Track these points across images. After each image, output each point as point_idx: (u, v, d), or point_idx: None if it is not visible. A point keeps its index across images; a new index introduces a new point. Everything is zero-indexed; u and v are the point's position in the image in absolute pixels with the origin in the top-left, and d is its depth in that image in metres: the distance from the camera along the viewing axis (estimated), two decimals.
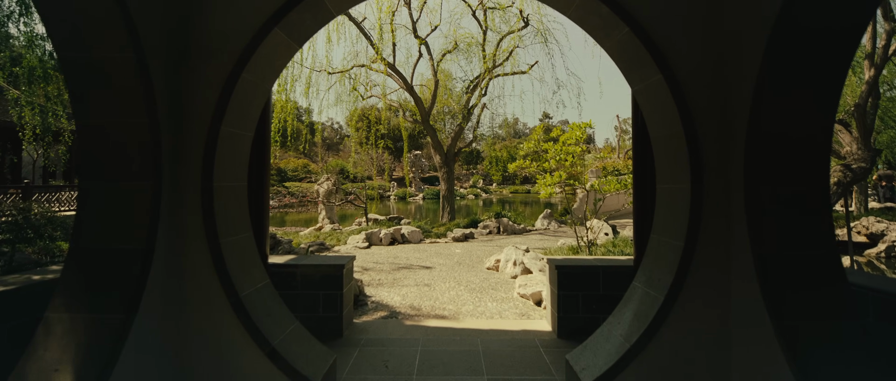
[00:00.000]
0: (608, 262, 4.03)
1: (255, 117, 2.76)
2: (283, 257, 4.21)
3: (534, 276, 5.73)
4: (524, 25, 13.57)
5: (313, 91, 14.66)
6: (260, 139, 3.93)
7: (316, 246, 9.08)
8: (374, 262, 7.70)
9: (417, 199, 38.51)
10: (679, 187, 2.42)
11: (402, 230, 10.46)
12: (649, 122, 2.67)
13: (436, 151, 15.59)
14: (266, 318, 2.44)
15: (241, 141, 2.61)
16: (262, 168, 3.93)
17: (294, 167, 43.25)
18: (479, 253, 8.73)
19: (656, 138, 2.63)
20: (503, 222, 12.99)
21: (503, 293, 5.46)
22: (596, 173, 14.63)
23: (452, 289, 5.72)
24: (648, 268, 2.60)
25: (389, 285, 5.90)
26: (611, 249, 7.24)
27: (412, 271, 6.84)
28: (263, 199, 3.92)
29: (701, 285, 2.31)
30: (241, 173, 2.66)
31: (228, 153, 2.48)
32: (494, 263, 6.96)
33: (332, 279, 3.91)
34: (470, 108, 15.48)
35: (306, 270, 3.91)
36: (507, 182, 53.53)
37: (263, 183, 3.93)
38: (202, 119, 2.37)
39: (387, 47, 14.04)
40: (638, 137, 3.89)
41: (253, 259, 2.67)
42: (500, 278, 6.31)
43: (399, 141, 18.69)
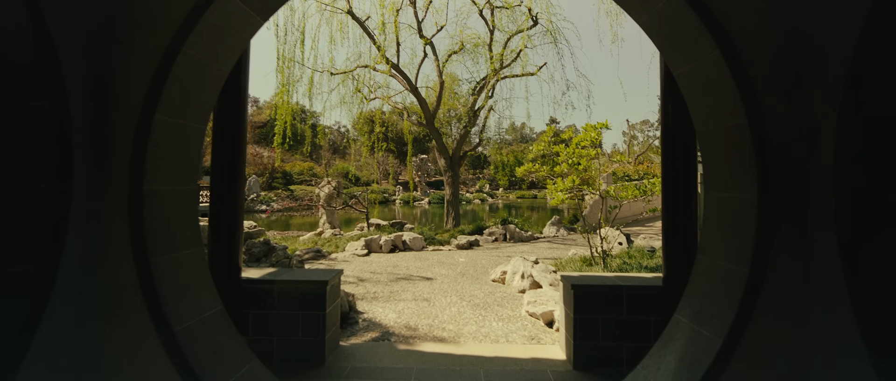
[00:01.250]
0: (632, 281, 3.48)
1: (208, 106, 2.25)
2: (259, 270, 3.71)
3: (544, 291, 5.18)
4: (533, 24, 13.07)
5: (316, 93, 14.27)
6: (232, 137, 3.44)
7: (311, 253, 8.58)
8: (372, 272, 7.18)
9: (423, 203, 38.03)
10: (740, 197, 1.87)
11: (403, 237, 9.94)
12: (697, 113, 2.13)
13: (440, 155, 15.10)
14: (210, 358, 1.93)
15: (187, 134, 2.11)
16: (234, 169, 3.43)
17: (300, 170, 43.01)
18: (483, 263, 8.18)
19: (707, 134, 2.08)
20: (510, 228, 12.43)
21: (510, 311, 4.91)
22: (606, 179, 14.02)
23: (454, 304, 5.18)
24: (695, 298, 2.05)
25: (385, 300, 5.38)
26: (627, 260, 6.66)
27: (411, 283, 6.31)
28: (236, 204, 3.43)
29: (772, 325, 1.76)
30: (188, 174, 2.16)
31: (168, 149, 1.98)
32: (500, 275, 6.41)
33: (314, 298, 3.39)
34: (476, 110, 14.98)
35: (284, 286, 3.40)
36: (513, 187, 52.87)
37: (236, 186, 3.44)
38: (132, 105, 1.88)
39: (391, 47, 13.61)
40: (670, 135, 3.35)
41: (201, 281, 2.16)
42: (507, 293, 5.76)
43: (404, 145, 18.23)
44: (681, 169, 3.26)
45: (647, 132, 72.43)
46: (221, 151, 3.37)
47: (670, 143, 3.28)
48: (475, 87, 15.15)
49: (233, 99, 3.38)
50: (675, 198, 3.26)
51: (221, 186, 3.37)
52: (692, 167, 3.26)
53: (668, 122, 3.32)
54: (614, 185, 6.16)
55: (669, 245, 3.27)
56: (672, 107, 3.30)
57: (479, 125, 16.35)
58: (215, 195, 3.37)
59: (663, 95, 3.35)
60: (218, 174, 3.37)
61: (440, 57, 14.84)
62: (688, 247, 3.22)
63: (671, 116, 3.30)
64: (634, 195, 5.90)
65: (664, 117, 3.34)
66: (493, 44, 14.18)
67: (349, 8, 13.00)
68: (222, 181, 3.37)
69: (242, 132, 3.45)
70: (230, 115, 3.38)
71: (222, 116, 3.37)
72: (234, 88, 3.39)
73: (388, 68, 13.82)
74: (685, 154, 3.25)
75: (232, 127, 3.38)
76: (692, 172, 3.26)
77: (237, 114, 3.40)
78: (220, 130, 3.38)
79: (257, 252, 8.31)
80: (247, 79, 3.48)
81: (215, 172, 3.38)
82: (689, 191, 3.24)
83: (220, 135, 3.37)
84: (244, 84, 3.44)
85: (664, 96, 3.34)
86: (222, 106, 3.37)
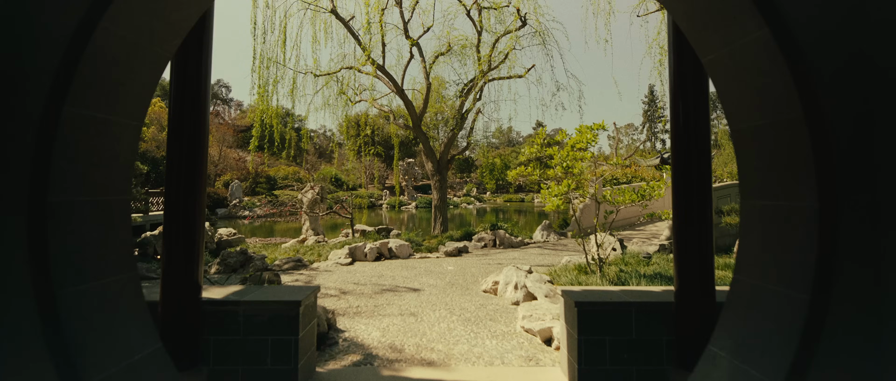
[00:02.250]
0: (641, 296, 3.15)
1: (142, 98, 1.84)
2: (224, 288, 3.28)
3: (539, 304, 4.83)
4: (522, 25, 12.82)
5: (299, 95, 13.79)
6: (192, 137, 3.02)
7: (292, 263, 8.12)
8: (355, 283, 6.76)
9: (410, 208, 37.59)
10: (793, 205, 1.55)
11: (389, 244, 9.52)
12: (733, 106, 1.80)
13: (427, 159, 14.72)
14: None
15: (112, 132, 1.70)
16: (194, 173, 3.00)
17: (284, 175, 42.16)
18: (473, 271, 7.81)
19: (745, 131, 1.75)
20: (499, 234, 12.10)
21: (504, 326, 4.55)
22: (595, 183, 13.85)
23: (443, 320, 4.80)
24: (736, 329, 1.71)
25: (368, 315, 4.97)
26: (624, 268, 6.38)
27: (397, 296, 5.91)
28: (196, 213, 3.00)
29: (839, 364, 1.43)
30: (117, 182, 1.74)
31: (84, 149, 1.58)
32: (492, 285, 6.05)
33: (285, 321, 2.99)
34: (464, 113, 14.66)
35: (250, 308, 2.99)
36: (500, 191, 52.74)
37: (196, 193, 3.01)
38: (36, 96, 1.47)
39: (376, 49, 13.22)
40: (681, 138, 3.03)
41: (131, 314, 1.74)
42: (500, 305, 5.40)
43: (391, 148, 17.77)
44: (694, 174, 2.95)
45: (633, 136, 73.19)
46: (178, 154, 2.94)
47: (682, 145, 2.96)
48: (463, 89, 14.85)
49: (191, 93, 2.97)
50: (687, 206, 2.95)
51: (178, 194, 2.94)
52: (706, 173, 2.95)
53: (678, 123, 3.01)
54: (610, 189, 5.87)
55: (682, 257, 2.95)
56: (683, 106, 2.99)
57: (467, 128, 16.04)
58: (171, 204, 2.95)
59: (673, 93, 3.04)
60: (174, 180, 2.95)
61: (427, 59, 14.51)
62: (703, 259, 2.91)
63: (682, 116, 2.99)
64: (632, 200, 5.61)
65: (675, 118, 3.02)
66: (481, 45, 13.91)
67: (333, 7, 12.59)
68: (179, 187, 2.94)
69: (203, 131, 3.03)
70: (188, 111, 2.96)
71: (179, 113, 2.95)
72: (192, 81, 2.98)
73: (374, 70, 13.42)
74: (699, 158, 2.95)
75: (191, 125, 2.96)
76: (706, 178, 2.95)
77: (197, 110, 2.98)
78: (176, 130, 2.95)
79: (234, 263, 7.82)
80: (208, 70, 3.06)
81: (171, 177, 2.95)
82: (704, 199, 2.93)
83: (176, 135, 2.95)
84: (205, 76, 3.03)
85: (674, 95, 3.03)
86: (179, 101, 2.96)
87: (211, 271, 7.70)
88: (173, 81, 2.95)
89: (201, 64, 3.02)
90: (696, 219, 2.92)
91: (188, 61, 2.96)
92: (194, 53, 2.97)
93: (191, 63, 2.96)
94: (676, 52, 3.00)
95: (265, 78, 12.21)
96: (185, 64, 2.96)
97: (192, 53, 2.96)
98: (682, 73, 2.97)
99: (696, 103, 2.95)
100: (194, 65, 2.97)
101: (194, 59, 2.97)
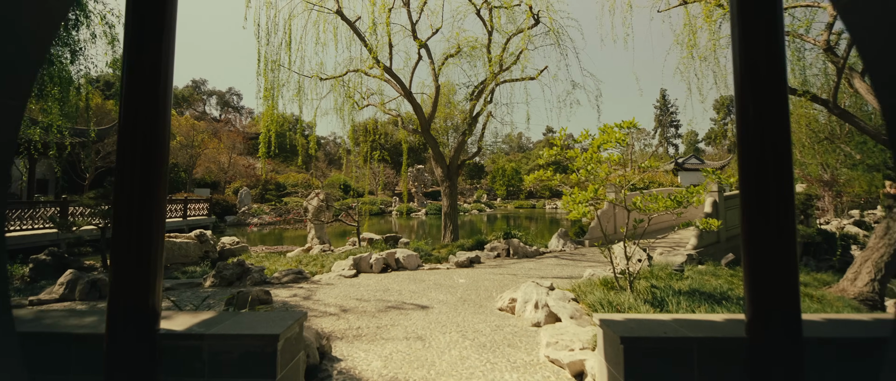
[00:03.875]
0: (702, 328, 2.53)
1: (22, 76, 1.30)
2: (192, 316, 2.73)
3: (564, 326, 4.21)
4: (534, 24, 12.26)
5: (304, 99, 13.38)
6: (147, 138, 2.49)
7: (291, 275, 7.58)
8: (358, 298, 6.19)
9: (420, 214, 37.11)
10: None
11: (396, 255, 8.95)
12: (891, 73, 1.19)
13: (437, 164, 14.16)
14: None
15: None
16: (150, 180, 2.47)
17: (294, 182, 41.99)
18: (487, 285, 7.20)
19: None
20: (513, 243, 11.46)
21: (525, 355, 3.93)
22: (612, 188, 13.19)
23: (454, 345, 4.20)
24: None
25: (370, 338, 4.39)
26: (655, 283, 5.71)
27: (403, 314, 5.32)
28: (152, 226, 2.46)
29: None
30: None
31: None
32: (508, 302, 5.43)
33: (260, 359, 2.42)
34: (474, 116, 14.09)
35: (217, 343, 2.43)
36: (511, 197, 52.03)
37: (152, 203, 2.47)
38: None
39: (383, 51, 12.76)
40: (750, 134, 2.43)
41: None
42: (518, 327, 4.78)
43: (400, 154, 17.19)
44: (770, 176, 2.33)
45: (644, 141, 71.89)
46: (131, 157, 2.41)
47: (756, 143, 2.35)
48: (473, 91, 14.30)
49: (146, 86, 2.45)
50: (762, 216, 2.33)
51: (130, 204, 2.41)
52: (787, 174, 2.34)
53: (747, 115, 2.40)
54: (640, 195, 5.24)
55: (757, 281, 2.33)
56: (753, 97, 2.38)
57: (477, 133, 15.45)
58: (120, 216, 2.41)
59: (740, 82, 2.43)
60: (125, 187, 2.42)
61: (436, 61, 14.01)
62: (786, 284, 2.29)
63: (751, 108, 2.39)
64: (666, 207, 4.97)
65: (742, 111, 2.41)
66: (492, 46, 13.38)
67: (338, 7, 12.17)
68: (130, 197, 2.41)
69: (162, 133, 2.50)
70: (144, 107, 2.44)
71: (131, 110, 2.43)
72: (150, 76, 2.46)
73: (381, 72, 12.96)
74: (776, 158, 2.33)
75: (147, 126, 2.44)
76: (786, 181, 2.34)
77: (155, 109, 2.46)
78: (128, 130, 2.43)
79: (230, 275, 7.32)
80: (169, 65, 2.54)
81: (121, 184, 2.42)
82: (785, 207, 2.31)
83: (128, 135, 2.43)
84: (165, 71, 2.50)
85: (742, 84, 2.42)
86: (131, 95, 2.44)
87: (206, 284, 7.20)
88: (125, 76, 2.45)
89: (161, 57, 2.50)
90: (776, 232, 2.30)
91: (144, 52, 2.46)
92: (151, 45, 2.47)
93: (148, 55, 2.46)
94: (743, 21, 2.41)
95: (271, 81, 11.82)
96: (140, 56, 2.45)
97: (148, 45, 2.47)
98: (749, 59, 2.38)
99: (771, 83, 2.34)
100: (151, 57, 2.46)
101: (151, 51, 2.47)
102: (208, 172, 36.28)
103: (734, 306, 4.62)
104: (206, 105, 68.79)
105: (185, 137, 33.69)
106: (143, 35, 2.47)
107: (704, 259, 9.55)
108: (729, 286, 6.07)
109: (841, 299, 6.22)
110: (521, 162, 55.77)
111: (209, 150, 35.88)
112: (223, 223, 27.08)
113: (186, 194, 26.35)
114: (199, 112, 59.34)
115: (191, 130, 34.36)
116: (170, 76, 2.56)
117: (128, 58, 2.44)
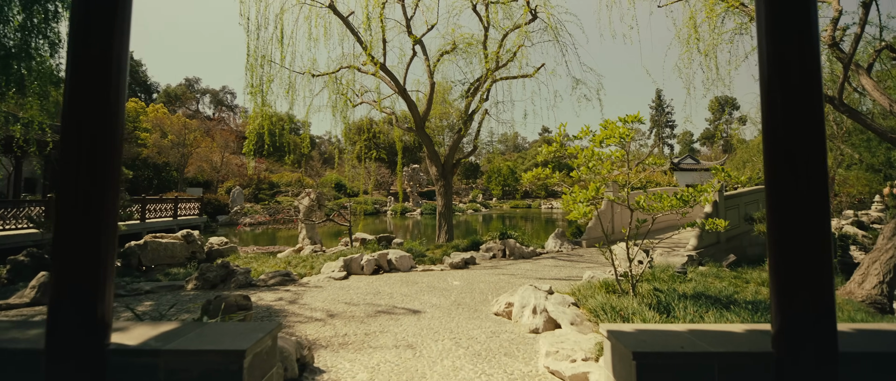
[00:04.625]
0: (722, 341, 2.26)
1: None
2: (149, 328, 2.42)
3: (565, 334, 3.94)
4: (532, 19, 12.00)
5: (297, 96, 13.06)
6: (96, 136, 2.19)
7: (278, 278, 7.27)
8: (347, 302, 5.89)
9: (415, 214, 36.80)
10: None
11: (388, 256, 8.65)
12: None
13: (432, 163, 13.87)
14: None
15: None
16: (98, 179, 2.18)
17: (287, 181, 41.53)
18: (482, 287, 6.92)
19: None
20: (509, 243, 11.20)
21: (523, 365, 3.65)
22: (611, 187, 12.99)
23: (447, 354, 3.91)
24: None
25: (357, 347, 4.09)
26: (658, 286, 5.46)
27: (394, 320, 5.03)
28: (101, 227, 2.16)
29: None
30: None
31: None
32: (505, 307, 5.16)
33: (223, 378, 2.13)
34: (470, 114, 13.81)
35: (175, 360, 2.13)
36: (507, 197, 51.82)
37: (102, 205, 2.17)
38: None
39: (377, 47, 12.44)
40: (780, 131, 2.17)
41: None
42: (515, 333, 4.50)
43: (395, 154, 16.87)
44: (802, 171, 2.07)
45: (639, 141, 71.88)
46: (75, 153, 2.13)
47: (788, 128, 2.09)
48: (469, 88, 14.02)
49: (97, 78, 2.16)
50: (794, 216, 2.06)
51: (75, 203, 2.11)
52: (821, 169, 2.08)
53: (774, 111, 2.13)
54: (644, 194, 4.98)
55: (786, 285, 2.07)
56: (781, 94, 2.12)
57: (473, 132, 15.16)
58: (66, 217, 2.11)
59: (767, 76, 2.17)
60: (69, 189, 2.12)
61: (431, 57, 13.71)
62: (820, 293, 2.03)
63: (780, 107, 2.13)
64: (672, 206, 4.71)
65: (770, 109, 2.15)
66: (488, 42, 13.09)
67: (331, 1, 11.85)
68: (75, 198, 2.11)
69: (114, 127, 2.20)
70: (92, 101, 2.15)
71: (76, 103, 2.14)
72: (99, 63, 2.17)
73: (375, 69, 12.63)
74: (810, 147, 2.07)
75: (94, 118, 2.15)
76: (821, 177, 2.08)
77: (105, 100, 2.16)
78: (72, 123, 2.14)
79: (213, 277, 7.00)
80: (123, 53, 2.25)
81: (66, 185, 2.13)
82: (820, 207, 2.05)
83: (72, 130, 2.14)
84: (118, 59, 2.21)
85: (769, 78, 2.16)
86: (74, 88, 2.15)
87: (188, 287, 6.87)
88: (70, 65, 2.16)
89: (113, 43, 2.21)
90: (811, 236, 2.04)
91: (91, 36, 2.17)
92: (100, 30, 2.18)
93: (96, 39, 2.17)
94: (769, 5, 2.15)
95: (259, 76, 11.48)
96: (88, 42, 2.16)
97: (97, 30, 2.18)
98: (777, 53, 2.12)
99: (805, 63, 2.09)
100: (101, 42, 2.17)
101: (100, 34, 2.18)
102: (200, 171, 35.78)
103: (744, 311, 4.37)
104: (199, 103, 68.06)
105: (176, 135, 33.22)
106: (90, 19, 2.18)
107: (705, 260, 9.33)
108: (734, 289, 5.83)
109: (849, 303, 6.00)
110: (516, 162, 55.59)
111: (201, 149, 35.39)
112: (215, 223, 26.65)
113: (177, 194, 25.88)
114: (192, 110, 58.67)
115: (183, 129, 33.88)
116: (123, 70, 2.26)
117: (73, 50, 2.15)
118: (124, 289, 6.60)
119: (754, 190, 12.92)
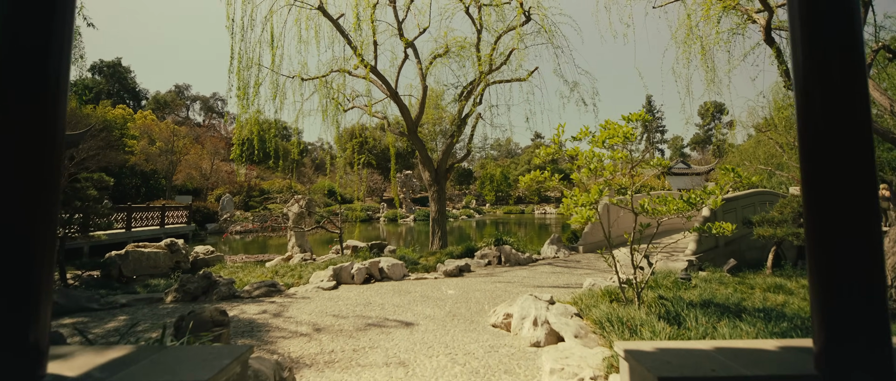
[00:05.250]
0: (756, 362, 1.98)
1: None
2: (92, 355, 2.10)
3: (569, 348, 3.65)
4: (525, 21, 11.81)
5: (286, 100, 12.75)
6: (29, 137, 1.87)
7: (264, 288, 6.91)
8: (335, 314, 5.55)
9: (408, 220, 36.41)
10: None
11: (380, 264, 8.32)
12: None
13: (424, 168, 13.58)
14: None
15: None
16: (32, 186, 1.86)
17: (278, 188, 40.96)
18: (478, 296, 6.62)
19: None
20: (505, 250, 10.91)
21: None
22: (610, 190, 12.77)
23: (442, 372, 3.60)
24: None
25: (344, 365, 3.77)
26: (663, 294, 5.20)
27: (385, 334, 4.71)
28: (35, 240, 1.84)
29: None
30: None
31: None
32: (503, 318, 4.86)
33: None
34: (463, 118, 13.56)
35: None
36: (500, 202, 51.61)
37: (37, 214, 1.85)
38: None
39: (368, 50, 12.17)
40: (819, 132, 1.91)
41: None
42: (515, 347, 4.20)
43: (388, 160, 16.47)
44: (846, 172, 1.81)
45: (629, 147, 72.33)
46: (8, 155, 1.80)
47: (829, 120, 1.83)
48: (462, 92, 13.78)
49: (30, 73, 1.84)
50: (837, 221, 1.80)
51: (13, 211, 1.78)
52: (869, 168, 1.82)
53: (813, 108, 1.87)
54: (648, 197, 4.74)
55: (830, 299, 1.80)
56: (821, 90, 1.86)
57: (466, 136, 14.90)
58: None
59: (801, 71, 1.91)
60: None
61: (423, 61, 13.46)
62: (871, 305, 1.76)
63: (820, 104, 1.87)
64: (678, 210, 4.46)
65: (807, 108, 1.89)
66: (481, 45, 12.89)
67: (320, 3, 11.59)
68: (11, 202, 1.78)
69: (54, 127, 1.86)
70: (24, 99, 1.83)
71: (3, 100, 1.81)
72: (33, 56, 1.86)
73: (366, 72, 12.34)
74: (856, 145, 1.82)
75: (26, 117, 1.82)
76: (869, 177, 1.82)
77: (41, 97, 1.84)
78: None
79: (194, 289, 6.63)
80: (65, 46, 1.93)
81: None
82: (868, 210, 1.79)
83: None
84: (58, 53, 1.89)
85: (803, 74, 1.90)
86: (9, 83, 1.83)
87: (167, 299, 6.49)
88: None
89: (52, 32, 1.90)
90: (859, 241, 1.77)
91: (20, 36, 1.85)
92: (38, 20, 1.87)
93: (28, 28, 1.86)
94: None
95: (245, 80, 11.15)
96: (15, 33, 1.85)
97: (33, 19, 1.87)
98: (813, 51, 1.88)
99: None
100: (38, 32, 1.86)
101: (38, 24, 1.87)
102: (190, 178, 35.13)
103: (758, 320, 4.11)
104: (189, 110, 67.26)
105: (165, 142, 32.60)
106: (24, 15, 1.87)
107: (704, 265, 9.13)
108: (741, 296, 5.59)
109: None
110: (509, 168, 55.47)
111: (190, 155, 34.79)
112: (203, 231, 26.09)
113: (165, 202, 25.29)
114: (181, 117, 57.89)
115: (171, 136, 33.28)
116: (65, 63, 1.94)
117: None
118: (98, 303, 6.20)
119: (751, 193, 12.78)
